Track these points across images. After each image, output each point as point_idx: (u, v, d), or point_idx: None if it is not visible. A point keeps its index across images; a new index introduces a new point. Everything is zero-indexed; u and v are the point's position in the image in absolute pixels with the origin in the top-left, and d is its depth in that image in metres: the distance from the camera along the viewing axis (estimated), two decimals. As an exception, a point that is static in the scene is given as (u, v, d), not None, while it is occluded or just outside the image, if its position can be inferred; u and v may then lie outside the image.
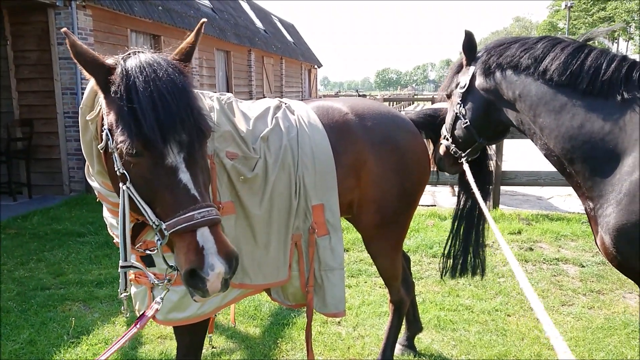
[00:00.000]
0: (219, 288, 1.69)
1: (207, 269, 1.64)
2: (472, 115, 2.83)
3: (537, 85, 2.45)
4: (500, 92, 2.63)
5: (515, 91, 2.54)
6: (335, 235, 2.73)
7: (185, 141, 1.77)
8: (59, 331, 4.06)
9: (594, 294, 4.73)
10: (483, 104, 2.77)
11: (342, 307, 2.77)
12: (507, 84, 2.59)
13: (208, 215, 1.70)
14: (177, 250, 1.71)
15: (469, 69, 2.81)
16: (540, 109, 2.43)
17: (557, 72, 2.36)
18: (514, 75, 2.55)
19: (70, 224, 7.17)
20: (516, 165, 9.36)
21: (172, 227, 1.68)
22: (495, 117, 2.77)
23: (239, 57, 19.28)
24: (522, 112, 2.55)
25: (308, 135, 2.69)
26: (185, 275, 1.67)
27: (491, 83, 2.67)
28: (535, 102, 2.45)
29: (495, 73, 2.64)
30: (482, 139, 2.89)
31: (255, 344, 3.87)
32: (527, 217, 7.19)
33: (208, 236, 1.68)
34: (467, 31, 2.81)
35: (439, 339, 3.93)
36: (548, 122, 2.40)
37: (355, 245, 6.06)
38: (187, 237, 1.68)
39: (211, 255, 1.66)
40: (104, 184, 2.13)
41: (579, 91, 2.30)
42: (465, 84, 2.80)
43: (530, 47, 2.52)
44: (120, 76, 1.77)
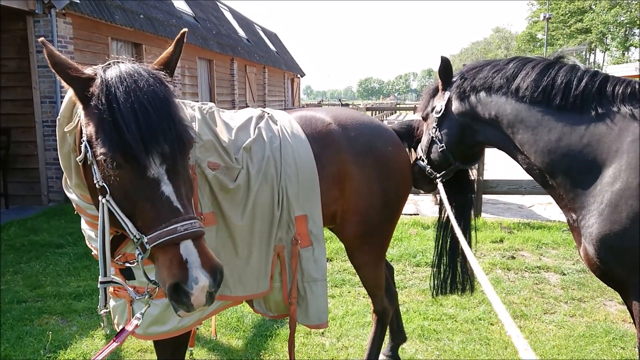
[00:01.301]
0: (204, 302, 1.65)
1: (191, 283, 1.60)
2: (448, 140, 2.86)
3: (511, 104, 2.51)
4: (476, 114, 2.68)
5: (491, 112, 2.60)
6: (319, 247, 2.71)
7: (168, 152, 1.73)
8: (35, 345, 3.96)
9: (575, 302, 4.77)
10: (459, 128, 2.81)
11: (324, 319, 2.74)
12: (482, 106, 2.65)
13: (191, 227, 1.66)
14: (160, 264, 1.66)
15: (444, 94, 2.86)
16: (518, 126, 2.48)
17: (529, 90, 2.43)
18: (488, 97, 2.61)
19: (48, 235, 7.03)
20: (498, 174, 9.47)
21: (154, 241, 1.64)
22: (470, 141, 2.82)
23: (221, 66, 19.23)
24: (499, 131, 2.60)
25: (291, 146, 2.67)
26: (169, 289, 1.62)
27: (466, 106, 2.73)
28: (511, 120, 2.51)
29: (470, 96, 2.70)
30: (457, 163, 2.93)
31: (237, 356, 3.81)
32: (508, 226, 7.24)
33: (192, 249, 1.64)
34: (443, 57, 2.86)
35: (423, 348, 3.92)
36: (527, 138, 2.45)
37: (338, 254, 6.04)
38: (170, 250, 1.63)
39: (195, 268, 1.62)
40: (82, 196, 2.07)
41: (553, 107, 2.36)
42: (441, 108, 2.84)
43: (501, 68, 2.59)
44: (100, 87, 1.73)
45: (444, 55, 2.87)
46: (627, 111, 2.19)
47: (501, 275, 5.47)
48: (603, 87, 2.29)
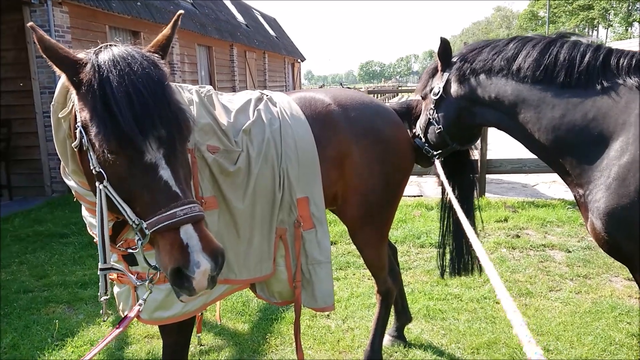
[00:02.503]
0: (205, 286, 1.64)
1: (192, 267, 1.59)
2: (445, 122, 2.85)
3: (512, 85, 2.48)
4: (476, 97, 2.66)
5: (491, 94, 2.57)
6: (321, 229, 2.70)
7: (164, 136, 1.69)
8: (42, 334, 3.98)
9: (580, 279, 4.76)
10: (456, 111, 2.79)
11: (330, 301, 2.74)
12: (482, 89, 2.62)
13: (191, 212, 1.64)
14: (161, 249, 1.65)
15: (443, 75, 2.83)
16: (520, 106, 2.45)
17: (530, 70, 2.39)
18: (488, 79, 2.58)
19: (52, 225, 7.05)
20: (501, 154, 9.41)
21: (154, 226, 1.62)
22: (468, 123, 2.80)
23: (220, 52, 19.11)
24: (501, 113, 2.58)
25: (291, 127, 2.64)
26: (171, 274, 1.61)
27: (466, 89, 2.70)
28: (512, 100, 2.48)
29: (470, 79, 2.67)
30: (454, 144, 2.93)
31: (243, 340, 3.83)
32: (513, 205, 7.21)
33: (192, 233, 1.62)
34: (443, 38, 2.83)
35: (429, 328, 3.92)
36: (529, 117, 2.42)
37: (342, 237, 6.04)
38: (170, 235, 1.62)
39: (196, 252, 1.60)
40: (80, 183, 2.05)
41: (556, 85, 2.33)
42: (439, 90, 2.82)
43: (501, 50, 2.56)
44: (92, 71, 1.69)
45: (443, 36, 2.84)
46: (633, 83, 2.15)
47: (506, 254, 5.46)
48: (607, 61, 2.25)
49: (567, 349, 3.55)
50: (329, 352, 3.62)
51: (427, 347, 3.63)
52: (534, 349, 1.31)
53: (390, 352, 3.57)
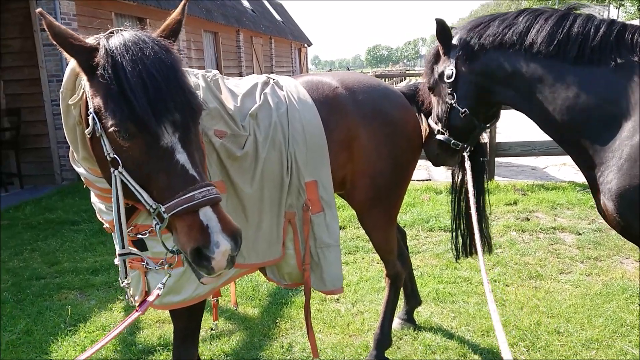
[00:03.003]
0: (224, 265, 1.65)
1: (212, 247, 1.60)
2: (469, 102, 2.69)
3: (526, 61, 2.38)
4: (490, 73, 2.55)
5: (505, 70, 2.47)
6: (330, 212, 2.69)
7: (179, 120, 1.70)
8: (55, 320, 4.03)
9: (591, 261, 4.73)
10: (475, 89, 2.66)
11: (339, 284, 2.74)
12: (494, 65, 2.50)
13: (209, 194, 1.65)
14: (179, 232, 1.65)
15: (449, 58, 2.70)
16: (535, 85, 2.37)
17: (544, 44, 2.30)
18: (500, 55, 2.47)
19: (63, 212, 7.10)
20: (510, 137, 9.34)
21: (172, 209, 1.62)
22: (488, 99, 2.69)
23: (227, 38, 19.03)
24: (514, 91, 2.49)
25: (298, 111, 2.62)
26: (191, 254, 1.62)
27: (478, 66, 2.58)
28: (527, 78, 2.39)
29: (479, 56, 2.55)
30: (482, 124, 2.79)
31: (254, 324, 3.85)
32: (522, 188, 7.17)
33: (211, 215, 1.63)
34: (438, 19, 2.69)
35: (438, 311, 3.92)
36: (544, 96, 2.34)
37: (351, 222, 6.04)
38: (189, 217, 1.62)
39: (216, 233, 1.61)
40: (91, 169, 2.05)
41: (569, 60, 2.25)
42: (452, 72, 2.67)
43: (511, 23, 2.43)
44: (104, 56, 1.68)
45: (439, 17, 2.70)
46: None
47: (516, 237, 5.44)
48: (621, 36, 2.17)
49: (578, 330, 3.54)
50: (339, 335, 3.64)
51: (436, 330, 3.63)
52: None
53: (399, 335, 3.58)
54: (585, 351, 3.31)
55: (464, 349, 3.40)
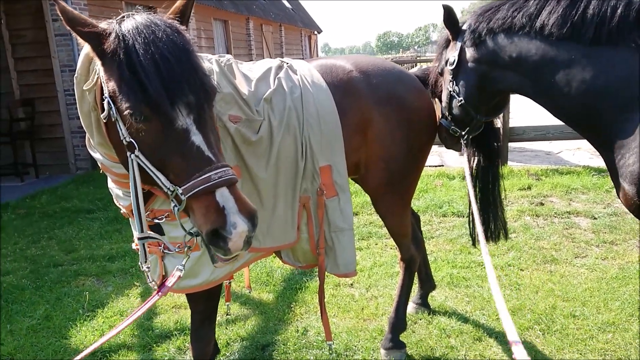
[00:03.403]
0: (241, 247, 1.65)
1: (229, 228, 1.60)
2: (466, 92, 2.69)
3: (536, 44, 2.31)
4: (495, 59, 2.50)
5: (512, 55, 2.41)
6: (344, 196, 2.69)
7: (194, 102, 1.70)
8: (74, 306, 4.09)
9: (607, 245, 4.70)
10: (476, 78, 2.64)
11: (352, 268, 2.75)
12: (501, 50, 2.45)
13: (225, 175, 1.65)
14: (196, 213, 1.66)
15: (456, 44, 2.68)
16: (546, 68, 2.30)
17: (556, 26, 2.23)
18: (508, 39, 2.42)
19: (78, 201, 7.18)
20: (524, 121, 9.25)
21: (189, 191, 1.63)
22: (490, 89, 2.65)
23: (237, 26, 18.99)
24: (523, 76, 2.43)
25: (312, 95, 2.61)
26: (208, 235, 1.62)
27: (483, 52, 2.54)
28: (537, 61, 2.32)
29: (487, 41, 2.51)
30: (479, 116, 2.77)
31: (269, 309, 3.88)
32: (536, 173, 7.11)
33: (228, 196, 1.63)
34: (445, 6, 2.67)
35: (453, 295, 3.93)
36: (557, 79, 2.27)
37: (364, 208, 6.04)
38: (206, 199, 1.63)
39: (233, 214, 1.61)
40: (107, 155, 2.06)
41: (585, 42, 2.18)
42: (455, 59, 2.66)
43: (522, 6, 2.38)
44: (117, 40, 1.68)
45: (445, 4, 2.68)
46: None
47: (530, 222, 5.41)
48: None
49: (594, 314, 3.52)
50: (353, 319, 3.66)
51: (451, 314, 3.64)
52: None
53: (414, 319, 3.60)
54: (602, 334, 3.30)
55: (479, 332, 3.41)
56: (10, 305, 4.16)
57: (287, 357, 3.27)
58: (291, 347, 3.36)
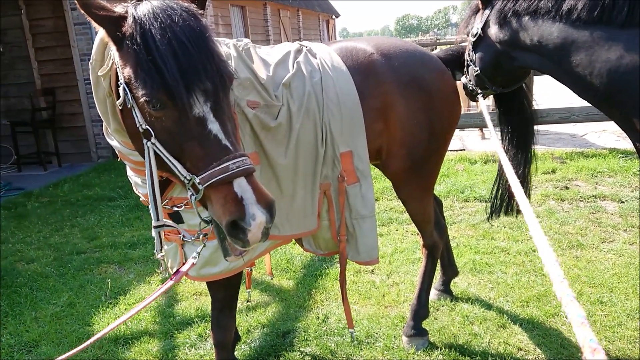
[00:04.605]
0: (259, 238, 1.62)
1: (248, 219, 1.57)
2: (483, 65, 2.73)
3: (560, 27, 2.25)
4: (516, 41, 2.47)
5: (533, 38, 2.37)
6: (365, 183, 2.64)
7: (210, 89, 1.65)
8: (96, 293, 4.13)
9: (635, 229, 4.57)
10: (493, 55, 2.65)
11: (375, 255, 2.70)
12: (524, 32, 2.41)
13: (243, 164, 1.61)
14: (214, 203, 1.62)
15: (483, 14, 2.65)
16: (568, 49, 2.23)
17: (585, 10, 2.15)
18: (532, 22, 2.37)
19: (100, 189, 7.25)
20: (547, 103, 9.04)
21: (207, 181, 1.59)
22: (508, 66, 2.65)
23: (254, 12, 18.87)
24: (543, 57, 2.39)
25: (332, 79, 2.55)
26: (227, 226, 1.59)
27: (506, 33, 2.52)
28: (559, 43, 2.26)
29: (512, 22, 2.47)
30: (494, 87, 2.81)
31: (289, 296, 3.87)
32: (561, 156, 6.96)
33: (245, 186, 1.60)
34: None
35: (476, 282, 3.86)
36: (579, 59, 2.20)
37: (384, 194, 5.98)
38: (224, 189, 1.59)
39: (251, 205, 1.58)
40: (124, 142, 2.04)
41: (616, 24, 2.09)
42: (477, 31, 2.67)
43: None
44: (133, 25, 1.64)
45: None
46: None
47: (554, 206, 5.30)
48: None
49: (622, 300, 3.43)
50: (374, 306, 3.63)
51: (474, 301, 3.58)
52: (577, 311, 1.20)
53: (436, 306, 3.55)
54: (630, 321, 3.21)
55: (503, 319, 3.34)
56: (34, 292, 4.22)
57: (308, 344, 3.26)
58: (312, 334, 3.34)
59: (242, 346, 3.28)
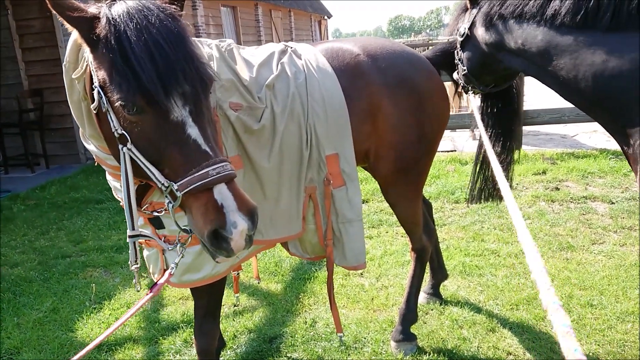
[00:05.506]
0: (243, 246, 1.57)
1: (230, 228, 1.51)
2: (470, 65, 2.73)
3: (544, 31, 2.22)
4: (502, 43, 2.45)
5: (517, 41, 2.35)
6: (352, 186, 2.59)
7: (189, 92, 1.59)
8: (81, 298, 4.06)
9: (625, 231, 4.56)
10: (480, 57, 2.64)
11: (362, 260, 2.66)
12: (509, 35, 2.39)
13: (223, 170, 1.55)
14: (194, 211, 1.56)
15: (471, 13, 2.64)
16: (551, 52, 2.21)
17: (569, 15, 2.12)
18: (517, 25, 2.34)
19: (88, 191, 7.16)
20: (538, 104, 9.03)
21: (186, 187, 1.53)
22: (495, 67, 2.63)
23: (245, 13, 18.80)
24: (527, 60, 2.37)
25: (317, 81, 2.50)
26: (209, 236, 1.53)
27: (491, 36, 2.50)
28: (542, 47, 2.24)
29: (497, 25, 2.45)
30: (482, 87, 2.81)
31: (277, 300, 3.81)
32: (551, 157, 6.95)
33: (226, 193, 1.54)
34: None
35: (465, 285, 3.83)
36: (563, 63, 2.17)
37: (375, 195, 5.93)
38: (204, 196, 1.53)
39: (232, 212, 1.52)
40: (101, 147, 1.97)
41: (600, 29, 2.06)
42: (465, 30, 2.65)
43: None
44: (107, 26, 1.57)
45: None
46: None
47: (545, 208, 5.27)
48: None
49: (612, 303, 3.41)
50: (363, 310, 3.58)
51: (463, 304, 3.54)
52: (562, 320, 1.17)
53: (425, 310, 3.51)
54: (620, 324, 3.18)
55: (493, 323, 3.31)
56: (17, 297, 4.15)
57: (295, 349, 3.20)
58: (299, 339, 3.29)
59: (228, 352, 3.22)
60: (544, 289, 1.30)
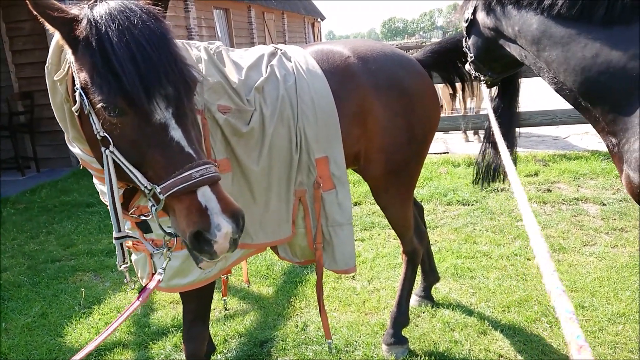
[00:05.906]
0: (227, 248, 1.54)
1: (213, 230, 1.49)
2: (476, 51, 2.72)
3: (539, 20, 2.22)
4: (501, 28, 2.46)
5: (514, 27, 2.35)
6: (342, 189, 2.57)
7: (172, 94, 1.57)
8: (70, 302, 4.02)
9: (616, 232, 4.57)
10: (484, 41, 2.64)
11: (352, 263, 2.64)
12: (507, 20, 2.39)
13: (207, 173, 1.53)
14: (178, 214, 1.54)
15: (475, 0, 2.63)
16: (544, 42, 2.20)
17: (565, 6, 2.11)
18: (514, 11, 2.34)
19: (78, 195, 7.11)
20: (530, 106, 9.06)
21: (169, 190, 1.51)
22: (499, 53, 2.62)
23: (238, 15, 18.76)
24: (522, 48, 2.36)
25: (307, 83, 2.49)
26: (191, 238, 1.51)
27: (491, 20, 2.50)
28: (536, 35, 2.23)
29: (496, 9, 2.45)
30: (490, 73, 2.79)
31: (268, 303, 3.79)
32: (543, 158, 6.97)
33: (210, 195, 1.52)
34: None
35: (457, 287, 3.82)
36: (555, 55, 2.17)
37: (367, 198, 5.92)
38: (187, 198, 1.52)
39: (216, 215, 1.50)
40: (85, 150, 1.95)
41: (595, 22, 2.06)
42: (468, 17, 2.65)
43: None
44: (89, 27, 1.55)
45: None
46: None
47: (537, 209, 5.28)
48: None
49: (604, 305, 3.41)
50: (354, 313, 3.56)
51: (455, 307, 3.53)
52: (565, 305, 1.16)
53: (417, 313, 3.49)
54: (612, 326, 3.18)
55: (484, 325, 3.30)
56: (6, 302, 4.10)
57: (286, 353, 3.18)
58: (290, 343, 3.26)
59: (218, 356, 3.19)
60: (547, 273, 1.28)
